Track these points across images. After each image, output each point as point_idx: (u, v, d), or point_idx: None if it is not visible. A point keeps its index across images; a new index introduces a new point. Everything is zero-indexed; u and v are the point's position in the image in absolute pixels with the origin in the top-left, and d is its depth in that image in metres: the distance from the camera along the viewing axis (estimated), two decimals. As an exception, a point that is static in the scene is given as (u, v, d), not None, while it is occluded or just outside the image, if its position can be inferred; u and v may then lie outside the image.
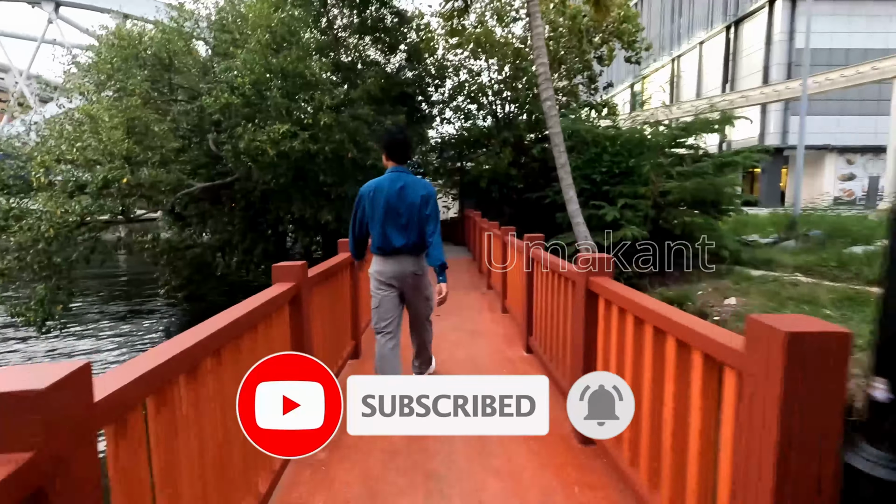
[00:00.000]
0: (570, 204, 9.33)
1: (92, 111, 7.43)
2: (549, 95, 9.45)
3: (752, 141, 26.05)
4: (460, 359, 4.38)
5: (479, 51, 15.57)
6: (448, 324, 5.55)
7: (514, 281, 5.44)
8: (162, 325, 10.55)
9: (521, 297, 4.96)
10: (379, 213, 3.06)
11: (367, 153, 9.43)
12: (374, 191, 3.07)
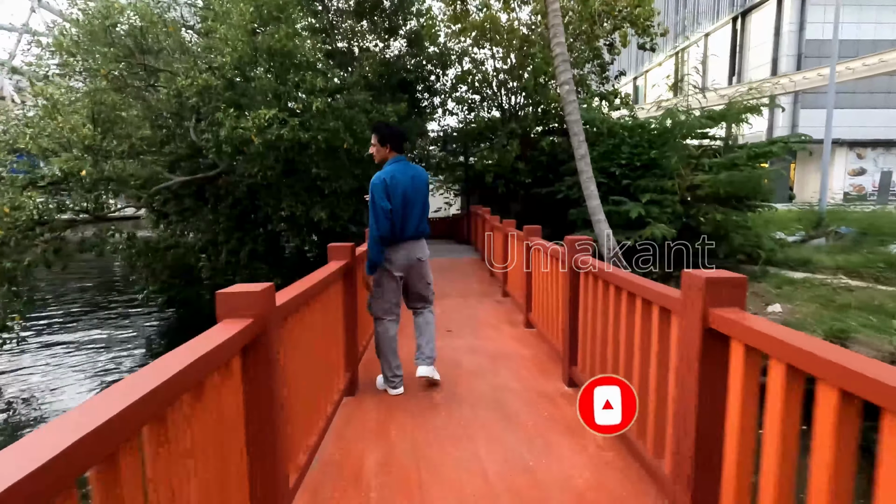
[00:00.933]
0: (591, 199, 8.33)
1: (46, 92, 6.39)
2: (566, 79, 8.43)
3: (761, 136, 25.07)
4: (482, 393, 3.38)
5: (482, 38, 14.53)
6: (463, 343, 4.55)
7: (544, 290, 4.43)
8: (141, 334, 9.52)
9: (555, 313, 3.96)
10: (398, 201, 3.10)
11: (365, 144, 8.39)
12: (393, 179, 3.09)
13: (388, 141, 3.22)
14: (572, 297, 3.40)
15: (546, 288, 4.32)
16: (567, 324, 3.46)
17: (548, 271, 4.24)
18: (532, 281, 4.90)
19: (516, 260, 5.80)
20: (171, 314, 10.20)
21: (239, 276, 9.05)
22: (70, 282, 13.62)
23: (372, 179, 3.12)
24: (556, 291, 3.96)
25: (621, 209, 8.89)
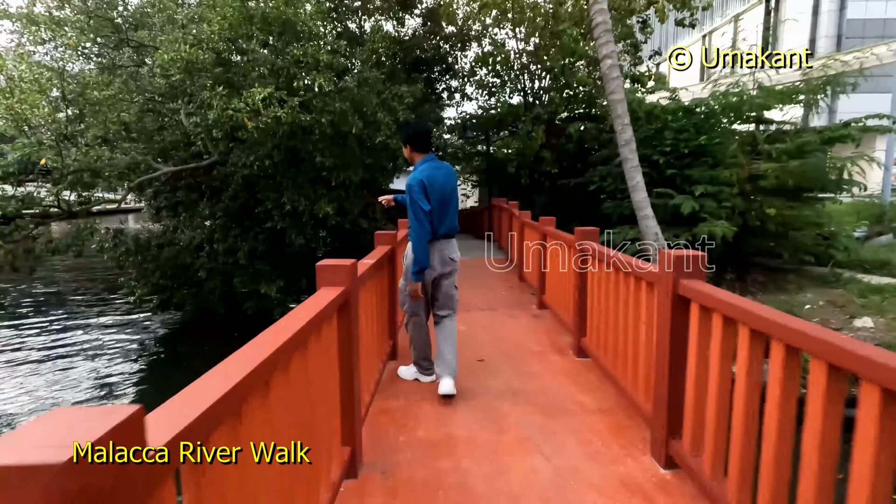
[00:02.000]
0: (636, 192, 7.12)
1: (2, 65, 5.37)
2: (609, 52, 7.19)
3: (796, 122, 23.36)
4: (541, 487, 2.25)
5: (503, 18, 13.24)
6: (500, 384, 3.43)
7: (609, 316, 3.29)
8: (131, 340, 8.58)
9: (633, 354, 2.83)
10: (436, 201, 3.04)
11: (377, 129, 7.27)
12: (430, 179, 3.02)
13: (410, 142, 3.13)
14: (674, 344, 2.26)
15: (613, 313, 3.18)
16: (665, 381, 2.32)
17: (613, 288, 3.08)
18: (589, 299, 3.75)
19: (563, 268, 4.65)
20: (168, 318, 9.24)
21: (238, 278, 8.04)
22: (55, 283, 12.80)
23: (408, 180, 3.05)
24: (632, 321, 2.83)
25: (670, 203, 7.65)
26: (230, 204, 7.66)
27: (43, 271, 10.52)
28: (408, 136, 3.12)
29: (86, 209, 6.92)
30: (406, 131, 3.16)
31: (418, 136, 3.13)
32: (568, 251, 4.36)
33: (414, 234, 3.02)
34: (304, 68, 6.32)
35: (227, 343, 2.29)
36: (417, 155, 3.13)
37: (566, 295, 4.57)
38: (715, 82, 9.51)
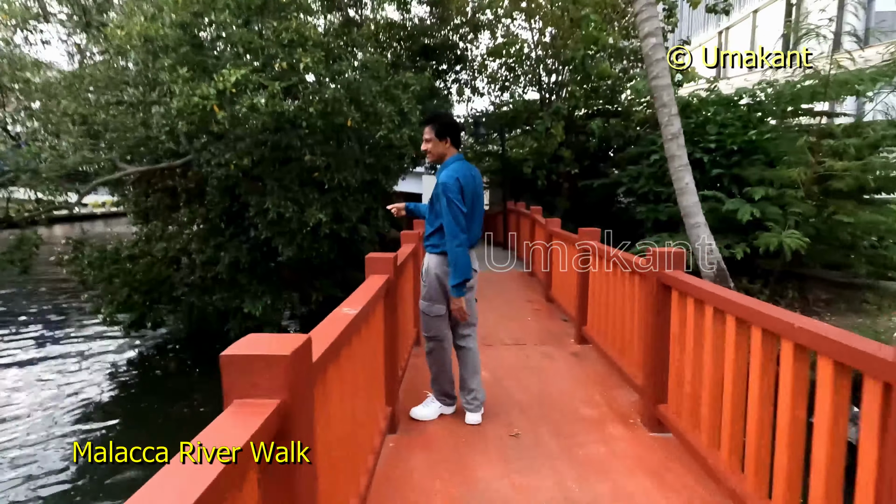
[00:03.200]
0: (685, 195, 5.90)
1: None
2: (653, 28, 5.98)
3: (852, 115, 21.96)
4: None
5: (516, 6, 12.05)
6: (548, 484, 2.24)
7: (717, 377, 2.11)
8: (101, 361, 7.46)
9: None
10: (468, 203, 2.75)
11: (377, 121, 6.09)
12: (465, 178, 2.71)
13: (449, 134, 2.77)
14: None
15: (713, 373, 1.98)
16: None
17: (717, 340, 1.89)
18: (679, 349, 2.55)
19: (614, 295, 3.45)
20: (156, 335, 8.11)
21: (218, 294, 6.90)
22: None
23: (442, 178, 2.68)
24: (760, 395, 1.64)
25: (723, 209, 6.42)
26: (206, 209, 6.51)
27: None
28: (447, 126, 2.77)
29: (32, 216, 5.80)
30: (444, 121, 2.81)
31: (454, 128, 2.81)
32: (629, 279, 3.16)
33: (452, 241, 2.65)
34: (287, 46, 5.16)
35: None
36: (451, 151, 2.79)
37: (622, 331, 3.38)
38: (772, 69, 8.22)
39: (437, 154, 2.79)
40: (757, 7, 28.24)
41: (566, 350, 4.18)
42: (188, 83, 4.71)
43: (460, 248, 2.62)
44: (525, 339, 4.50)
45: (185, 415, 5.97)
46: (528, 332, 4.68)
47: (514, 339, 4.47)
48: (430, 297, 2.84)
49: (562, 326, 4.84)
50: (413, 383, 3.42)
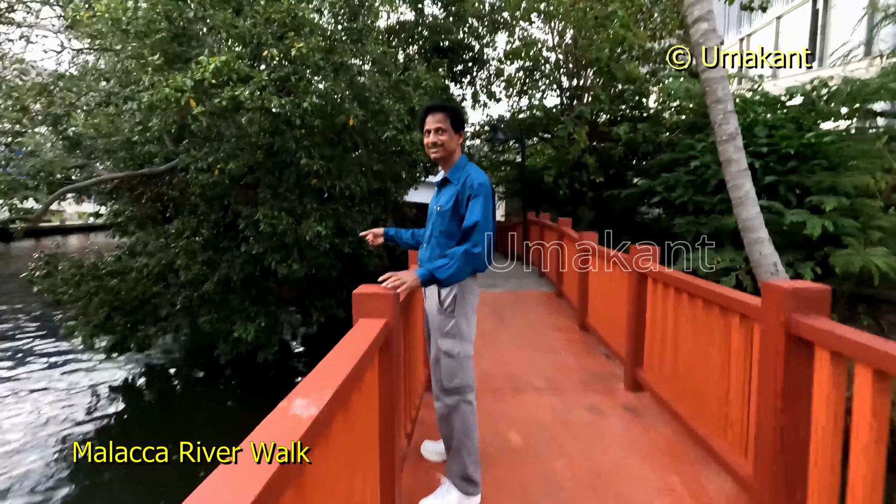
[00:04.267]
0: (744, 206, 4.96)
1: None
2: (703, 13, 5.09)
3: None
4: None
5: (534, 8, 11.25)
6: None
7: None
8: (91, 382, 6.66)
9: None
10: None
11: (384, 121, 5.26)
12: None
13: (463, 129, 2.25)
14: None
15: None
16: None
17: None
18: (828, 423, 1.63)
19: (688, 334, 2.53)
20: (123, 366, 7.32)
21: (206, 316, 6.09)
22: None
23: (477, 179, 2.11)
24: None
25: (785, 222, 5.45)
26: (190, 220, 5.73)
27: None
28: (462, 119, 2.25)
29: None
30: (460, 112, 2.26)
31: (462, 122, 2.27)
32: (720, 319, 2.24)
33: (473, 246, 2.04)
34: (278, 31, 4.37)
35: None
36: (459, 151, 2.28)
37: (704, 386, 2.47)
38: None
39: (450, 150, 2.21)
40: (780, 13, 27.20)
41: (617, 401, 3.26)
42: (160, 73, 3.92)
43: (476, 258, 2.05)
44: (562, 382, 3.58)
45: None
46: (565, 373, 3.76)
47: (548, 383, 3.56)
48: (456, 331, 2.16)
49: (605, 365, 3.91)
50: (421, 455, 2.54)
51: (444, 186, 2.25)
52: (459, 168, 2.19)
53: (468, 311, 2.19)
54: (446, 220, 2.17)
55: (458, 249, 2.03)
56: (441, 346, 2.18)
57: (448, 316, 2.16)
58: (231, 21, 4.28)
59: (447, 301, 2.17)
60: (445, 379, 2.18)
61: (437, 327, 2.22)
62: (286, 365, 7.45)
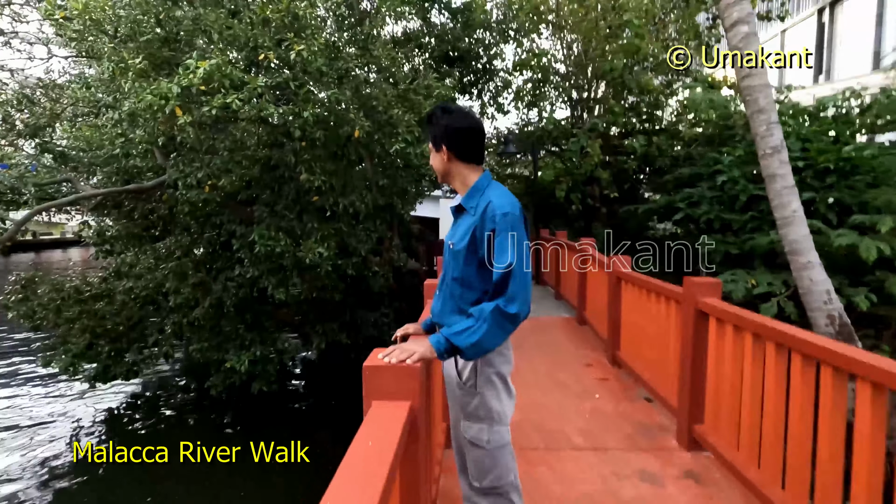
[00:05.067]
0: (793, 227, 4.47)
1: None
2: (742, 15, 4.65)
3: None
4: None
5: (541, 20, 10.87)
6: None
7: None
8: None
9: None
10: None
11: (392, 133, 4.78)
12: (522, 214, 1.61)
13: (450, 143, 1.66)
14: None
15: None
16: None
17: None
18: None
19: (804, 412, 2.01)
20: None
21: (197, 344, 5.56)
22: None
23: (499, 207, 1.55)
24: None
25: (832, 242, 4.93)
26: (181, 239, 5.23)
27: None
28: (446, 131, 1.63)
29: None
30: (441, 122, 1.64)
31: (468, 137, 1.65)
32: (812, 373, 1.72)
33: (509, 303, 1.49)
34: (277, 32, 3.91)
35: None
36: (467, 168, 1.67)
37: (799, 451, 1.94)
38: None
39: (442, 172, 1.72)
40: (785, 27, 26.96)
41: (673, 463, 2.71)
42: (143, 78, 3.45)
43: (512, 320, 1.51)
44: (603, 436, 3.03)
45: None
46: (604, 423, 3.21)
47: (587, 438, 3.01)
48: (483, 413, 1.63)
49: (649, 412, 3.37)
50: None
51: (460, 216, 1.70)
52: (476, 193, 1.65)
53: (497, 382, 1.64)
54: (461, 261, 1.63)
55: (487, 307, 1.50)
56: (465, 433, 1.64)
57: (469, 392, 1.63)
58: (225, 22, 3.82)
59: (465, 374, 1.62)
60: (476, 476, 1.67)
61: (457, 403, 1.68)
62: (284, 393, 6.90)
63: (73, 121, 5.30)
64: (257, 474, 5.12)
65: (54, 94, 5.09)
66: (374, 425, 1.22)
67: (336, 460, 0.99)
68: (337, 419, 6.35)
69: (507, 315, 1.49)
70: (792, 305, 5.09)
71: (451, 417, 1.74)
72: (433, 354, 1.45)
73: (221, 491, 4.97)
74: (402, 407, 1.29)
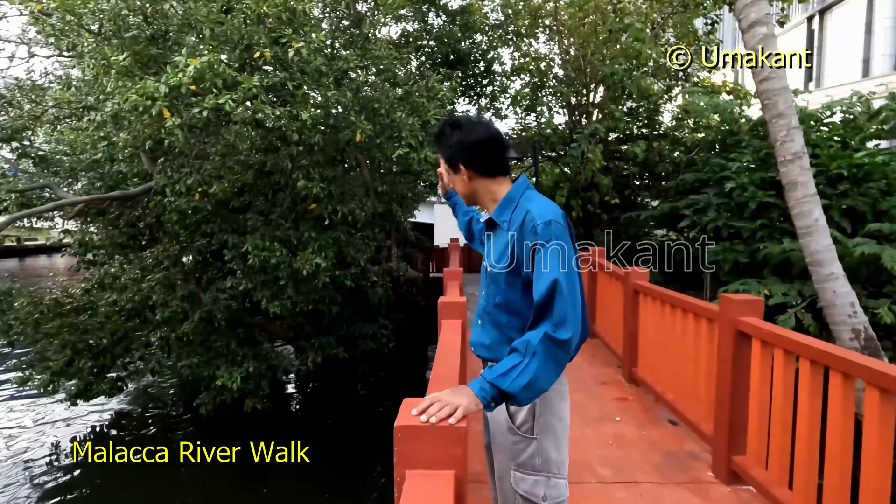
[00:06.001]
0: (815, 237, 4.29)
1: None
2: (760, 16, 4.51)
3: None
4: None
5: (537, 25, 10.71)
6: None
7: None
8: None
9: None
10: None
11: (394, 136, 4.52)
12: (566, 224, 1.38)
13: (467, 160, 1.44)
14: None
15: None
16: None
17: None
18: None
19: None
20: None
21: (186, 360, 5.23)
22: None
23: (540, 216, 1.32)
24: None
25: (853, 251, 4.74)
26: (169, 248, 4.92)
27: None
28: (459, 147, 1.43)
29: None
30: (451, 139, 1.44)
31: (483, 148, 1.42)
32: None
33: (558, 330, 1.23)
34: (271, 29, 3.64)
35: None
36: (494, 183, 1.45)
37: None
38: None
39: (466, 194, 1.50)
40: (777, 33, 26.99)
41: (712, 498, 2.46)
42: (126, 77, 3.16)
43: (564, 347, 1.25)
44: (631, 468, 2.77)
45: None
46: (630, 452, 2.95)
47: (614, 470, 2.75)
48: (540, 463, 1.37)
49: (676, 439, 3.12)
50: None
51: (493, 233, 1.46)
52: (509, 204, 1.42)
53: (558, 428, 1.40)
54: (502, 284, 1.40)
55: (534, 338, 1.24)
56: (517, 487, 1.38)
57: (523, 439, 1.37)
58: (217, 17, 3.55)
59: (520, 417, 1.38)
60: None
61: (505, 452, 1.40)
62: (278, 409, 6.58)
63: (55, 124, 4.98)
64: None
65: (34, 95, 4.77)
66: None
67: (336, 461, 0.72)
68: (334, 440, 6.07)
69: (558, 342, 1.24)
70: (810, 318, 4.89)
71: (496, 468, 1.47)
72: (478, 406, 1.18)
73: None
74: (445, 480, 1.02)
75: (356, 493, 5.15)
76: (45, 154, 5.00)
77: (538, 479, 1.36)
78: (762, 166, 6.55)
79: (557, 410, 1.40)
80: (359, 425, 6.43)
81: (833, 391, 1.95)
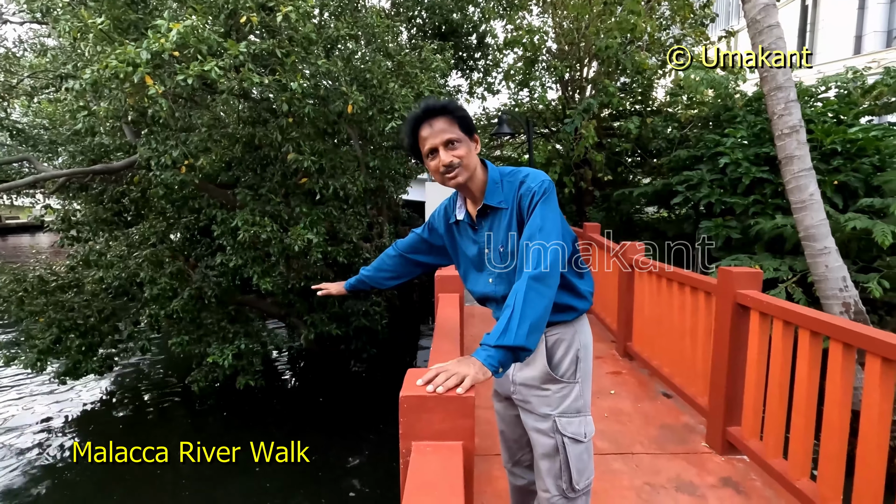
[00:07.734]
0: (808, 212, 4.28)
1: None
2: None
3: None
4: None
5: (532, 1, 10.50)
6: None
7: None
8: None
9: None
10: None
11: (388, 109, 4.39)
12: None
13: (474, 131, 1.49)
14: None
15: None
16: None
17: None
18: None
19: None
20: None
21: (176, 338, 5.16)
22: None
23: (535, 177, 1.40)
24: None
25: (845, 226, 4.75)
26: (156, 224, 4.79)
27: None
28: (469, 119, 1.43)
29: None
30: (464, 111, 1.44)
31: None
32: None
33: (545, 277, 1.27)
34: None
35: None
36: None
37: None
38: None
39: (473, 169, 1.43)
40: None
41: (709, 470, 2.48)
42: (105, 42, 3.00)
43: (549, 278, 1.28)
44: (629, 440, 2.79)
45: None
46: (628, 425, 2.97)
47: (612, 442, 2.77)
48: (581, 405, 1.48)
49: (672, 412, 3.14)
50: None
51: (490, 218, 1.44)
52: (502, 178, 1.43)
53: (589, 368, 1.52)
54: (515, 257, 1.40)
55: (519, 287, 1.25)
56: (565, 431, 1.44)
57: (568, 384, 1.46)
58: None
59: (564, 364, 1.45)
60: (577, 478, 1.46)
61: (544, 406, 1.46)
62: (272, 388, 6.56)
63: (32, 95, 4.77)
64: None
65: (8, 64, 4.55)
66: (422, 479, 0.91)
67: (334, 461, 0.68)
68: (329, 416, 6.07)
69: (538, 276, 1.25)
70: (800, 292, 4.94)
71: (531, 424, 1.49)
72: (486, 375, 1.14)
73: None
74: (454, 451, 0.99)
75: (348, 469, 5.17)
76: (23, 127, 4.81)
77: (581, 419, 1.46)
78: (756, 142, 6.52)
79: (590, 354, 1.52)
80: (352, 401, 6.44)
81: (833, 361, 1.95)
